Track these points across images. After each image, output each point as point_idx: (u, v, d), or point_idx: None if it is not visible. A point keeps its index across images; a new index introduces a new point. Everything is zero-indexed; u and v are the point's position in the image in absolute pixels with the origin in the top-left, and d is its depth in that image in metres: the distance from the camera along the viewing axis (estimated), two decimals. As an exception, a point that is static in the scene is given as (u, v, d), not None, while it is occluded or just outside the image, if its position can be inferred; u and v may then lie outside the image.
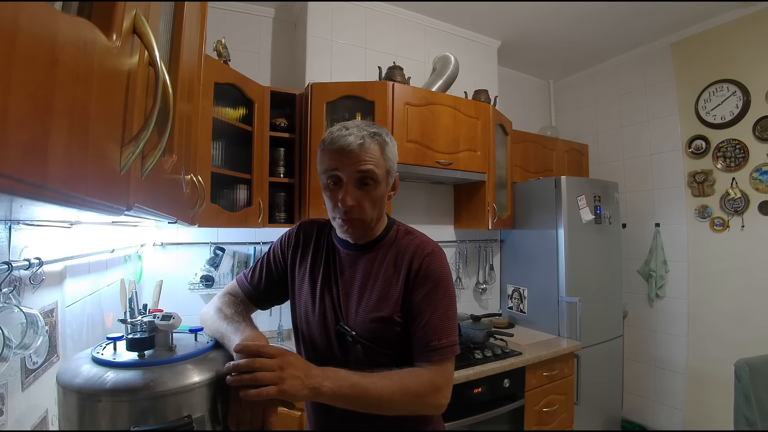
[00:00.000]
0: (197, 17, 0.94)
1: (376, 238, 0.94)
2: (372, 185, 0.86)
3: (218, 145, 1.82)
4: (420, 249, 0.90)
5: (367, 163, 0.84)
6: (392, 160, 0.91)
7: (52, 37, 0.27)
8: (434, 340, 0.84)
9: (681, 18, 2.50)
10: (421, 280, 0.87)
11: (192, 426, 0.63)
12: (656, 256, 2.72)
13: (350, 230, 0.88)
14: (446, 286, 0.88)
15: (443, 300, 0.87)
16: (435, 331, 0.85)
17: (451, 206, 2.70)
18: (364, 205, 0.86)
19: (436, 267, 0.88)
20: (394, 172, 0.93)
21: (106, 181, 0.38)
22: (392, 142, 0.92)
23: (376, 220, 0.91)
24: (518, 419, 1.94)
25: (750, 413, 1.56)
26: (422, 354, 0.85)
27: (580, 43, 2.86)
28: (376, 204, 0.88)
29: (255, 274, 1.02)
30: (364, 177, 0.85)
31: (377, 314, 0.88)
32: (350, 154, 0.83)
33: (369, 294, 0.90)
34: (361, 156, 0.84)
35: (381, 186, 0.88)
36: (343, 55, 2.29)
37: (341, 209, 0.85)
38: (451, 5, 2.40)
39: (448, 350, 0.85)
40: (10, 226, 0.68)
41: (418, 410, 0.83)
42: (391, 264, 0.90)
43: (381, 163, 0.87)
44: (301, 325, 0.98)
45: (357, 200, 0.85)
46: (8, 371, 0.65)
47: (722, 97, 2.44)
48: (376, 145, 0.86)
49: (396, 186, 0.95)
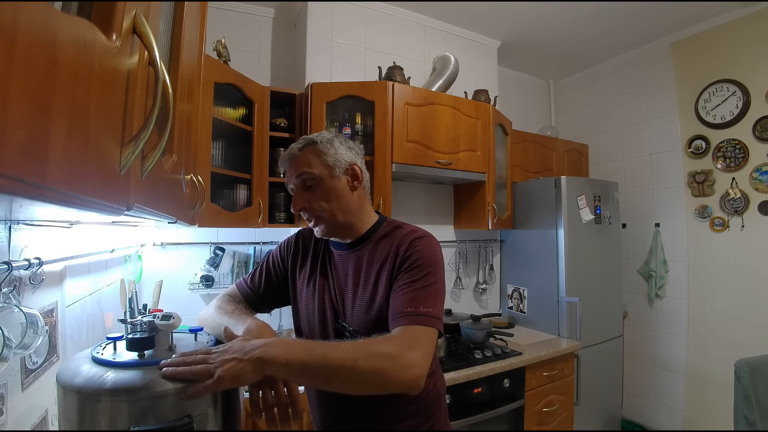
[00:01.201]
0: (197, 17, 0.94)
1: (364, 235, 0.96)
2: (315, 185, 0.92)
3: (218, 145, 1.82)
4: (408, 236, 0.92)
5: (301, 167, 0.92)
6: (333, 156, 0.93)
7: (52, 37, 0.27)
8: (409, 307, 0.80)
9: (681, 18, 2.50)
10: (406, 262, 0.87)
11: (192, 426, 0.63)
12: (656, 256, 2.72)
13: (319, 229, 0.94)
14: (429, 265, 0.86)
15: (425, 278, 0.85)
16: (412, 300, 0.81)
17: (451, 206, 2.70)
18: (313, 204, 0.91)
19: (421, 250, 0.88)
20: (344, 165, 0.94)
21: (105, 181, 0.38)
22: (329, 140, 0.94)
23: (344, 215, 0.93)
24: (518, 419, 1.94)
25: (750, 413, 1.56)
26: (395, 320, 0.80)
27: (579, 43, 2.86)
28: (329, 198, 0.91)
29: (255, 278, 1.05)
30: (303, 181, 0.92)
31: (372, 308, 0.89)
32: (292, 161, 0.93)
33: (363, 289, 0.92)
34: (300, 160, 0.92)
35: (324, 182, 0.91)
36: (343, 55, 2.29)
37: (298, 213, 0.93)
38: (451, 5, 2.40)
39: (425, 318, 0.78)
40: (10, 226, 0.68)
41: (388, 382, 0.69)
42: (380, 257, 0.92)
43: (316, 163, 0.92)
44: (303, 328, 1.00)
45: (306, 201, 0.92)
46: (8, 371, 0.65)
47: (722, 97, 2.44)
48: (308, 150, 0.93)
49: (357, 176, 0.95)
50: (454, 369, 1.77)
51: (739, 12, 2.36)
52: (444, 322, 1.41)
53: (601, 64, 3.18)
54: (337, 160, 0.93)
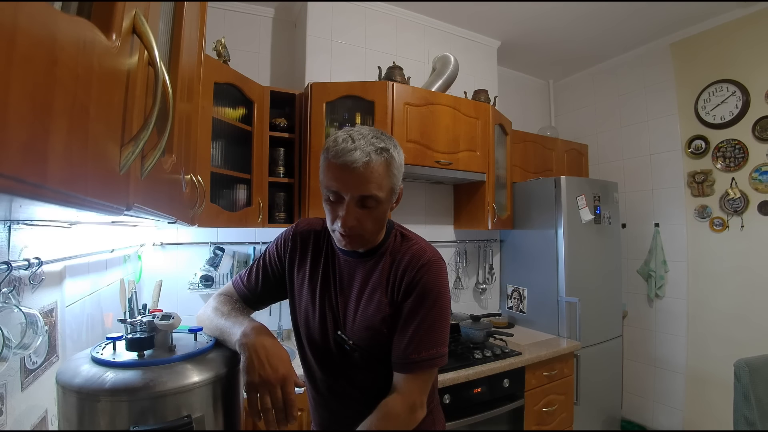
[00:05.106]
0: (197, 17, 0.94)
1: (375, 246, 0.93)
2: (374, 206, 0.83)
3: (218, 145, 1.82)
4: (414, 260, 0.88)
5: (371, 187, 0.80)
6: (398, 176, 0.86)
7: (52, 36, 0.27)
8: (414, 353, 0.84)
9: (681, 18, 2.50)
10: (411, 293, 0.86)
11: (191, 426, 0.64)
12: (656, 256, 2.72)
13: (348, 245, 0.87)
14: (435, 298, 0.86)
15: (431, 312, 0.85)
16: (417, 343, 0.84)
17: (450, 206, 2.70)
18: (365, 224, 0.84)
19: (426, 280, 0.86)
20: (399, 186, 0.89)
21: (105, 181, 0.38)
22: (399, 155, 0.87)
23: (378, 234, 0.91)
24: (518, 419, 1.94)
25: (749, 413, 1.57)
26: (400, 365, 0.86)
27: (579, 43, 2.86)
28: (377, 222, 0.87)
29: (251, 276, 1.03)
30: (365, 200, 0.82)
31: (373, 324, 0.88)
32: (354, 172, 0.78)
33: (366, 303, 0.90)
34: (365, 177, 0.79)
35: (383, 205, 0.85)
36: (342, 55, 2.29)
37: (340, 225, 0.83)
38: (451, 5, 2.40)
39: (427, 363, 0.84)
40: (10, 226, 0.68)
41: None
42: (386, 274, 0.90)
43: (385, 184, 0.82)
44: (302, 328, 0.99)
45: (358, 219, 0.82)
46: (8, 371, 0.65)
47: (722, 97, 2.44)
48: (382, 163, 0.81)
49: (399, 198, 0.91)
50: (454, 369, 1.77)
51: (739, 12, 2.37)
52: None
53: (600, 64, 3.18)
54: (395, 184, 0.86)
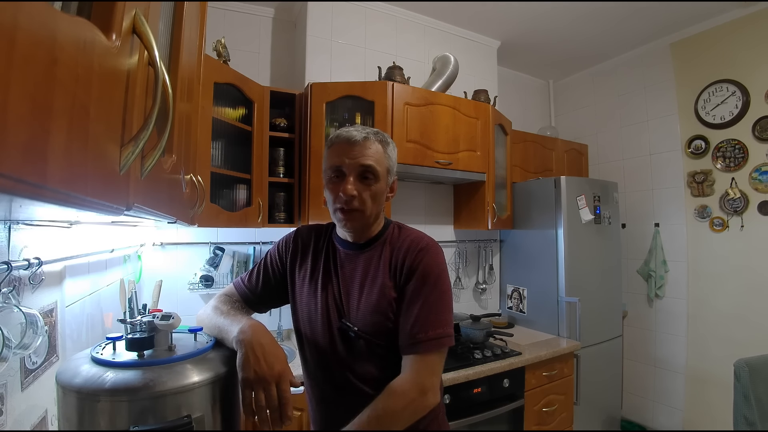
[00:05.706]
0: (197, 17, 0.94)
1: (374, 237, 0.97)
2: (372, 179, 0.91)
3: (218, 145, 1.82)
4: (413, 245, 0.93)
5: (369, 158, 0.89)
6: (392, 161, 0.96)
7: (52, 36, 0.27)
8: (420, 333, 0.85)
9: (681, 18, 2.50)
10: (412, 275, 0.89)
11: (191, 426, 0.64)
12: (656, 256, 2.72)
13: (349, 223, 0.91)
14: (436, 279, 0.90)
15: (433, 293, 0.88)
16: (423, 322, 0.86)
17: (450, 206, 2.70)
18: (364, 196, 0.90)
19: (427, 262, 0.90)
20: (394, 174, 0.98)
21: (105, 181, 0.38)
22: (393, 146, 0.97)
23: (374, 217, 0.95)
24: (518, 419, 1.94)
25: (749, 413, 1.57)
26: (408, 347, 0.86)
27: (579, 43, 2.86)
28: (375, 199, 0.92)
29: (252, 278, 1.05)
30: (366, 171, 0.90)
31: (377, 310, 0.90)
32: (354, 145, 0.89)
33: (369, 290, 0.92)
34: (364, 149, 0.90)
35: (381, 182, 0.92)
36: (342, 55, 2.29)
37: (342, 198, 0.89)
38: (451, 5, 2.40)
39: (434, 342, 0.85)
40: (10, 226, 0.68)
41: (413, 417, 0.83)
42: (387, 261, 0.93)
43: (382, 161, 0.92)
44: (303, 327, 1.00)
45: (358, 191, 0.89)
46: (8, 371, 0.65)
47: (722, 97, 2.44)
48: (378, 142, 0.92)
49: (394, 188, 1.00)
50: (454, 369, 1.77)
51: (739, 12, 2.37)
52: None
53: (600, 64, 3.18)
54: (391, 168, 0.95)
